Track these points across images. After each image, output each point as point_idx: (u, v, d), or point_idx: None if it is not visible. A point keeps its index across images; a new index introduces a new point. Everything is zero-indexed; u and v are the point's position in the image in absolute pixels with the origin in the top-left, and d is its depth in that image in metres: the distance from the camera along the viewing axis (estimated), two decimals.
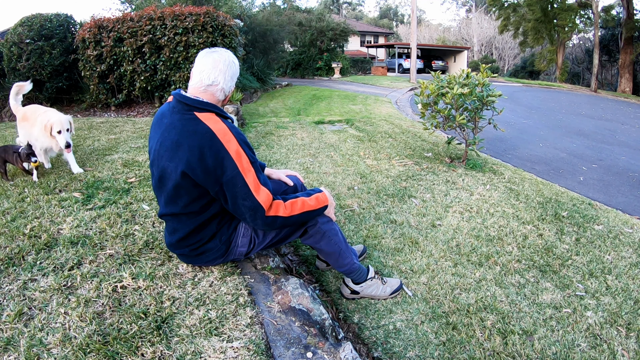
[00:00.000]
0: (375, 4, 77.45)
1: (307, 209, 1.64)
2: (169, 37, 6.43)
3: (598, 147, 6.35)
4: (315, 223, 1.74)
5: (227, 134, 1.48)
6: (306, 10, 23.93)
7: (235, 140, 1.49)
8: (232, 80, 1.62)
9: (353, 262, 1.86)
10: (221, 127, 1.50)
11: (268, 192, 1.53)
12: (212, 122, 1.50)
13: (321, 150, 4.63)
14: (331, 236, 1.77)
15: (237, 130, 1.54)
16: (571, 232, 2.75)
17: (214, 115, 1.53)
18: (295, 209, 1.61)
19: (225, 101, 1.67)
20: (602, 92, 19.93)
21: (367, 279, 1.93)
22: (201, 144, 1.46)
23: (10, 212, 2.31)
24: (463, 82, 3.97)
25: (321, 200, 1.69)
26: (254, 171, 1.51)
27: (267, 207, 1.54)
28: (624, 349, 1.68)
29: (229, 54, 1.63)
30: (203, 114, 1.51)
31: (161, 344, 1.34)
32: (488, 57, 37.99)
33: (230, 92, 1.65)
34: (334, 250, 1.80)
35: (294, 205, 1.61)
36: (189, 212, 1.59)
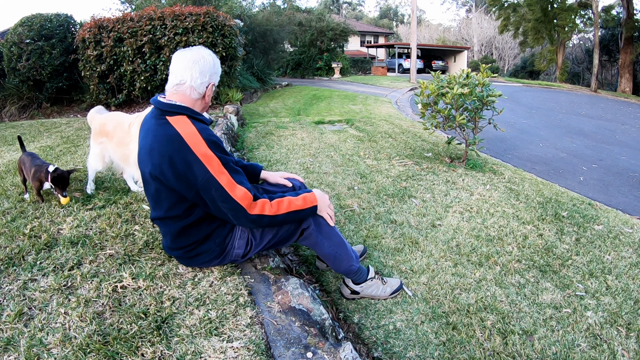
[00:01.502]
0: (375, 4, 77.46)
1: (293, 208, 1.61)
2: (169, 37, 6.43)
3: (598, 147, 6.35)
4: (312, 225, 1.72)
5: (195, 137, 1.44)
6: (306, 10, 23.93)
7: (203, 143, 1.45)
8: (204, 76, 1.55)
9: (351, 264, 1.84)
10: (189, 130, 1.46)
11: (245, 191, 1.50)
12: (181, 126, 1.47)
13: (321, 150, 4.63)
14: (329, 238, 1.75)
15: (208, 133, 1.50)
16: (571, 232, 2.75)
17: (184, 118, 1.49)
18: (282, 208, 1.58)
19: (206, 100, 1.61)
20: (602, 92, 19.93)
21: (367, 279, 1.93)
22: (170, 149, 1.44)
23: (10, 212, 2.31)
24: (463, 82, 3.97)
25: (309, 200, 1.66)
26: (228, 172, 1.48)
27: (248, 206, 1.50)
28: (624, 349, 1.68)
29: (200, 49, 1.58)
30: (174, 117, 1.49)
31: (161, 344, 1.34)
32: (488, 57, 37.98)
33: (209, 89, 1.58)
34: (331, 253, 1.79)
35: (280, 204, 1.58)
36: (174, 216, 1.59)
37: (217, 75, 1.62)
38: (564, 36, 22.73)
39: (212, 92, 1.63)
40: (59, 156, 3.68)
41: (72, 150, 3.92)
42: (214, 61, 1.59)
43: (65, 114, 7.25)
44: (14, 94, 7.23)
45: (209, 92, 1.60)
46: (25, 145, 2.73)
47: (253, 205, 1.53)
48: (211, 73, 1.58)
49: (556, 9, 21.84)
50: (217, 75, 1.61)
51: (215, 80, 1.61)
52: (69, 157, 3.64)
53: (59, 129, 5.37)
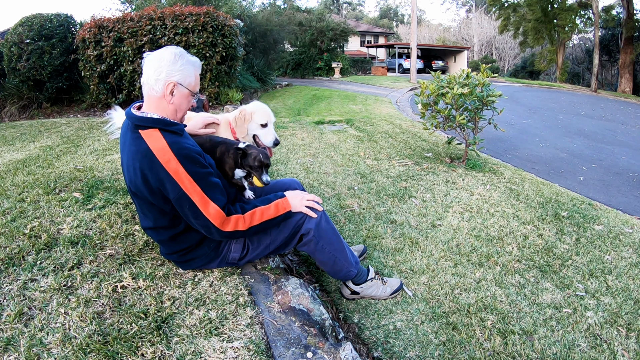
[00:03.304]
0: (375, 4, 77.49)
1: (266, 218, 1.59)
2: (169, 37, 6.43)
3: (598, 147, 6.35)
4: (309, 232, 1.69)
5: (165, 153, 1.39)
6: (306, 10, 23.93)
7: (174, 159, 1.39)
8: (158, 73, 1.43)
9: (349, 270, 1.84)
10: (160, 146, 1.40)
11: (218, 210, 1.46)
12: (152, 141, 1.41)
13: (321, 150, 4.63)
14: (325, 245, 1.73)
15: (179, 146, 1.42)
16: (571, 232, 2.75)
17: (155, 132, 1.42)
18: (254, 220, 1.56)
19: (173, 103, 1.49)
20: (602, 92, 19.92)
21: (368, 279, 1.93)
22: (143, 166, 1.41)
23: (10, 212, 2.31)
24: (463, 82, 3.97)
25: (281, 207, 1.63)
26: (201, 189, 1.43)
27: (220, 224, 1.47)
28: (624, 349, 1.68)
29: (166, 48, 1.49)
30: (146, 131, 1.43)
31: (161, 344, 1.34)
32: (488, 57, 37.98)
33: (167, 88, 1.45)
34: (328, 260, 1.78)
35: (252, 216, 1.56)
36: (162, 226, 1.59)
37: (181, 74, 1.46)
38: (564, 36, 22.72)
39: (182, 96, 1.49)
40: (59, 156, 3.68)
41: (72, 150, 3.92)
42: (174, 58, 1.45)
43: (66, 114, 7.25)
44: (14, 94, 7.23)
45: (172, 93, 1.47)
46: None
47: (226, 222, 1.49)
48: (169, 71, 1.44)
49: (556, 9, 21.84)
50: (180, 74, 1.45)
51: (178, 78, 1.46)
52: (69, 157, 3.64)
53: (59, 129, 5.37)
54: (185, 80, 1.48)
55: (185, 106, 1.55)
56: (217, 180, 1.52)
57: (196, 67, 1.54)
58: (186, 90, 1.50)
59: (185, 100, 1.52)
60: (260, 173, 1.69)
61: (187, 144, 1.48)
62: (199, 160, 1.47)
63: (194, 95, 1.56)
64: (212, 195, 1.46)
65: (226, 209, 1.50)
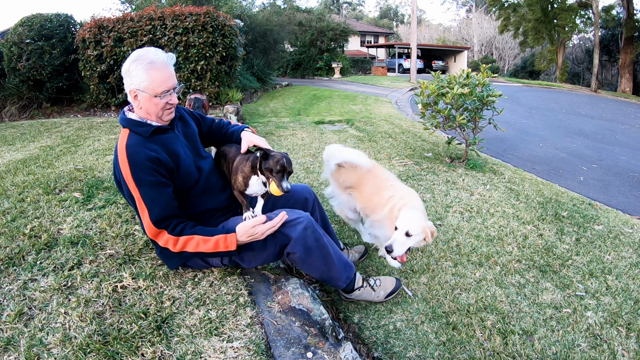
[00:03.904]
0: (375, 4, 77.49)
1: (201, 250, 1.53)
2: (169, 37, 6.43)
3: (598, 147, 6.35)
4: (295, 253, 1.61)
5: (122, 153, 1.49)
6: (306, 10, 23.92)
7: (126, 161, 1.47)
8: (127, 85, 1.50)
9: (337, 283, 1.80)
10: (121, 146, 1.50)
11: (148, 221, 1.49)
12: (120, 139, 1.54)
13: (321, 150, 4.63)
14: (312, 262, 1.67)
15: (132, 150, 1.47)
16: (571, 232, 2.75)
17: (125, 132, 1.55)
18: (188, 247, 1.52)
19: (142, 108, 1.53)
20: (602, 92, 19.92)
21: (355, 289, 1.88)
22: (114, 161, 1.56)
23: (11, 212, 2.31)
24: (463, 82, 3.97)
25: (222, 245, 1.52)
26: (140, 195, 1.47)
27: (153, 234, 1.51)
28: (624, 349, 1.68)
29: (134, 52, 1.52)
30: (122, 129, 1.57)
31: (161, 344, 1.34)
32: (488, 57, 37.98)
33: (131, 94, 1.51)
34: (315, 272, 1.73)
35: (187, 242, 1.52)
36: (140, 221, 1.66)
37: (136, 79, 1.48)
38: (564, 36, 22.72)
39: (146, 100, 1.51)
40: (59, 156, 3.68)
41: (72, 150, 3.93)
42: (128, 66, 1.49)
43: (66, 114, 7.24)
44: (14, 94, 7.23)
45: (136, 98, 1.52)
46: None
47: (158, 235, 1.52)
48: (127, 80, 1.51)
49: (556, 9, 21.83)
50: (135, 79, 1.48)
51: (135, 85, 1.49)
52: (69, 157, 3.64)
53: (59, 128, 5.37)
54: (141, 85, 1.49)
55: (154, 109, 1.54)
56: (165, 190, 1.52)
57: (153, 67, 1.49)
58: (145, 94, 1.50)
59: (150, 102, 1.52)
60: (281, 179, 1.55)
61: (143, 149, 1.49)
62: (148, 166, 1.48)
63: (160, 96, 1.51)
64: (149, 205, 1.49)
65: (160, 224, 1.50)
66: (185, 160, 1.62)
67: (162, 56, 1.54)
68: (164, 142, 1.57)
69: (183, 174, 1.60)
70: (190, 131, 1.78)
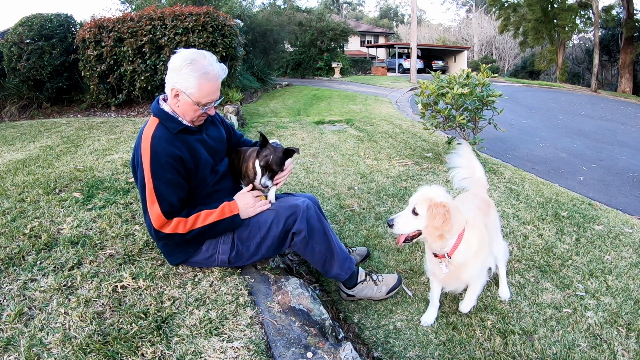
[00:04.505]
0: (375, 4, 77.47)
1: (209, 221, 1.58)
2: (169, 37, 6.43)
3: (598, 147, 6.35)
4: (301, 231, 1.69)
5: (146, 141, 1.51)
6: (306, 10, 23.93)
7: (148, 150, 1.49)
8: (172, 81, 1.52)
9: (338, 273, 1.83)
10: (148, 134, 1.52)
11: (159, 213, 1.51)
12: (148, 127, 1.56)
13: (321, 150, 4.63)
14: (315, 245, 1.73)
15: (156, 142, 1.50)
16: (571, 232, 2.75)
17: (155, 121, 1.57)
18: (197, 223, 1.57)
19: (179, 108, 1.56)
20: (602, 92, 19.92)
21: (358, 282, 1.91)
22: (136, 144, 1.57)
23: (11, 212, 2.31)
24: (463, 82, 3.97)
25: (227, 210, 1.62)
26: (153, 186, 1.49)
27: (159, 225, 1.52)
28: (624, 349, 1.68)
29: (181, 52, 1.53)
30: (151, 117, 1.59)
31: (161, 344, 1.34)
32: (488, 57, 37.98)
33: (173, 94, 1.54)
34: (318, 260, 1.78)
35: (196, 219, 1.58)
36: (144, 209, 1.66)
37: (185, 83, 1.50)
38: (564, 36, 22.71)
39: (185, 103, 1.53)
40: (59, 156, 3.68)
41: (72, 150, 3.92)
42: (180, 64, 1.50)
43: (66, 114, 7.24)
44: (14, 94, 7.23)
45: (177, 97, 1.54)
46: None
47: (165, 225, 1.54)
48: (173, 77, 1.52)
49: (556, 9, 21.83)
50: (183, 82, 1.50)
51: (181, 86, 1.51)
52: (69, 157, 3.64)
53: (59, 128, 5.37)
54: (188, 90, 1.52)
55: (191, 114, 1.58)
56: (179, 191, 1.56)
57: (205, 79, 1.51)
58: (188, 99, 1.53)
59: (189, 107, 1.56)
60: (263, 173, 1.64)
61: (167, 144, 1.51)
62: (168, 162, 1.50)
63: (200, 106, 1.55)
64: (160, 197, 1.51)
65: (169, 215, 1.53)
66: (205, 163, 1.65)
67: (217, 68, 1.57)
68: (189, 141, 1.60)
69: (200, 176, 1.64)
70: (218, 135, 1.81)
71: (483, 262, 1.68)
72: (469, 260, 1.62)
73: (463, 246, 1.60)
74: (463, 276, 1.66)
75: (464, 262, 1.61)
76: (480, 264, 1.66)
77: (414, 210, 1.59)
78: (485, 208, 1.88)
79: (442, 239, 1.57)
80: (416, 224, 1.59)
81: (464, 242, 1.60)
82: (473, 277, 1.68)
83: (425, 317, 1.81)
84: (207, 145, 1.69)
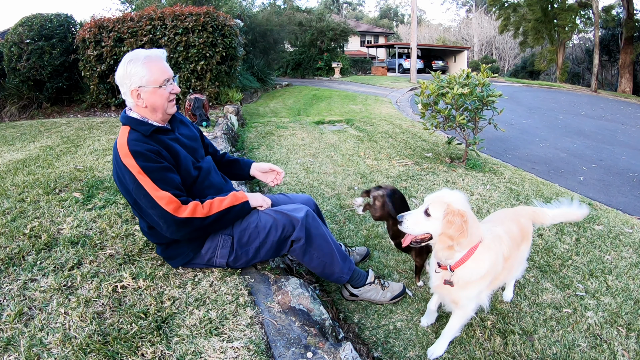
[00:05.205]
0: (375, 4, 77.49)
1: (223, 207, 1.60)
2: (169, 37, 6.43)
3: (598, 147, 6.35)
4: (300, 239, 1.69)
5: (123, 148, 1.51)
6: (306, 10, 23.92)
7: (129, 154, 1.49)
8: (122, 86, 1.55)
9: (340, 276, 1.83)
10: (122, 141, 1.52)
11: (169, 195, 1.49)
12: (120, 136, 1.56)
13: (321, 150, 4.63)
14: (314, 252, 1.73)
15: (134, 143, 1.51)
16: (571, 232, 2.75)
17: (126, 129, 1.56)
18: (213, 209, 1.57)
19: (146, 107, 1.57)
20: (602, 92, 19.91)
21: (366, 283, 1.91)
22: (114, 157, 1.57)
23: (11, 212, 2.31)
24: (463, 82, 3.97)
25: (235, 198, 1.65)
26: (151, 180, 1.48)
27: (174, 209, 1.49)
28: (624, 349, 1.68)
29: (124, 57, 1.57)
30: (122, 127, 1.59)
31: (161, 344, 1.34)
32: (488, 57, 37.97)
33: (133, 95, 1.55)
34: (317, 266, 1.78)
35: (212, 205, 1.57)
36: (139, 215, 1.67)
37: (136, 77, 1.53)
38: (564, 36, 22.71)
39: (150, 94, 1.55)
40: (59, 156, 3.68)
41: (72, 150, 3.92)
42: (124, 69, 1.53)
43: (66, 114, 7.25)
44: (14, 94, 7.23)
45: (140, 97, 1.55)
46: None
47: (182, 208, 1.51)
48: (126, 83, 1.54)
49: (556, 9, 21.83)
50: (135, 77, 1.53)
51: (136, 83, 1.53)
52: (69, 157, 3.64)
53: (59, 128, 5.37)
54: (143, 80, 1.54)
55: (160, 100, 1.59)
56: (174, 175, 1.56)
57: (150, 60, 1.55)
58: (149, 87, 1.55)
59: (154, 95, 1.57)
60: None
61: (143, 143, 1.53)
62: (151, 157, 1.51)
63: (163, 85, 1.57)
64: (163, 186, 1.50)
65: (181, 197, 1.52)
66: (185, 159, 1.64)
67: (154, 50, 1.61)
68: (163, 141, 1.60)
69: (183, 171, 1.62)
70: (191, 134, 1.81)
71: (481, 290, 1.54)
72: (472, 282, 1.49)
73: (471, 264, 1.47)
74: (455, 293, 1.53)
75: (468, 280, 1.48)
76: (478, 289, 1.52)
77: (427, 210, 1.46)
78: (519, 240, 1.71)
79: (450, 250, 1.46)
80: (427, 225, 1.46)
81: (474, 260, 1.47)
82: (464, 299, 1.53)
83: (423, 320, 1.81)
84: (182, 143, 1.69)
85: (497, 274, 1.57)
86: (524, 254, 1.83)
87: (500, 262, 1.55)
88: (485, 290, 1.58)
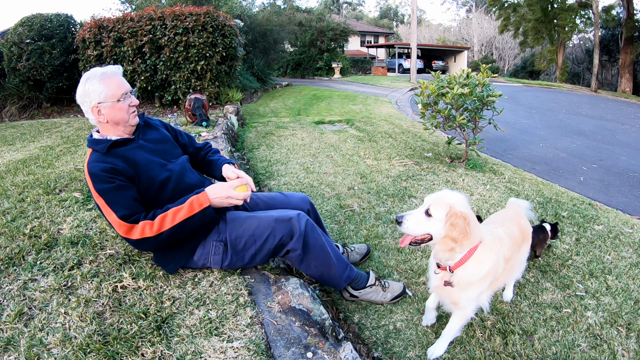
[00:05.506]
0: (375, 4, 77.49)
1: (179, 220, 1.52)
2: (169, 37, 6.43)
3: (598, 147, 6.35)
4: (295, 250, 1.69)
5: (85, 170, 1.56)
6: (306, 10, 23.92)
7: (88, 176, 1.53)
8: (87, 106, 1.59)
9: (338, 283, 1.84)
10: (85, 164, 1.58)
11: (117, 220, 1.49)
12: (86, 159, 1.60)
13: (321, 150, 4.63)
14: (310, 261, 1.73)
15: (91, 166, 1.53)
16: (571, 232, 2.75)
17: (89, 151, 1.61)
18: (165, 224, 1.51)
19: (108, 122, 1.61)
20: (602, 92, 19.91)
21: (367, 285, 1.91)
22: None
23: (11, 212, 2.31)
24: (463, 82, 3.97)
25: (196, 204, 1.55)
26: (104, 201, 1.50)
27: (125, 232, 1.50)
28: (624, 349, 1.68)
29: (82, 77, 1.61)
30: (88, 150, 1.63)
31: (161, 344, 1.34)
32: (488, 57, 37.97)
33: (94, 112, 1.59)
34: (314, 273, 1.79)
35: (163, 220, 1.51)
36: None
37: (94, 94, 1.57)
38: (564, 36, 22.71)
39: (109, 109, 1.58)
40: (59, 156, 3.68)
41: (72, 150, 3.92)
42: (82, 88, 1.59)
43: (66, 114, 7.25)
44: (14, 94, 7.23)
45: (100, 113, 1.59)
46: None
47: (133, 229, 1.50)
48: (85, 101, 1.59)
49: (556, 9, 21.82)
50: (93, 95, 1.57)
51: (95, 100, 1.57)
52: (69, 157, 3.64)
53: (59, 129, 5.37)
54: (101, 95, 1.58)
55: (121, 114, 1.62)
56: (127, 193, 1.53)
57: (106, 77, 1.59)
58: (107, 102, 1.59)
59: (114, 109, 1.61)
60: None
61: (99, 163, 1.54)
62: (105, 176, 1.52)
63: (121, 99, 1.60)
64: (113, 207, 1.51)
65: (128, 219, 1.50)
66: (146, 166, 1.62)
67: (110, 67, 1.66)
68: (122, 154, 1.61)
69: (145, 180, 1.61)
70: (160, 137, 1.80)
71: (481, 291, 1.53)
72: (473, 283, 1.48)
73: (472, 264, 1.47)
74: (455, 294, 1.51)
75: (468, 281, 1.47)
76: (479, 291, 1.52)
77: (428, 211, 1.42)
78: (519, 241, 1.73)
79: (451, 252, 1.45)
80: (428, 226, 1.42)
81: (474, 260, 1.47)
82: (464, 300, 1.52)
83: (424, 320, 1.81)
84: (146, 148, 1.69)
85: (498, 275, 1.57)
86: (525, 255, 1.84)
87: (502, 263, 1.54)
88: (486, 291, 1.58)
